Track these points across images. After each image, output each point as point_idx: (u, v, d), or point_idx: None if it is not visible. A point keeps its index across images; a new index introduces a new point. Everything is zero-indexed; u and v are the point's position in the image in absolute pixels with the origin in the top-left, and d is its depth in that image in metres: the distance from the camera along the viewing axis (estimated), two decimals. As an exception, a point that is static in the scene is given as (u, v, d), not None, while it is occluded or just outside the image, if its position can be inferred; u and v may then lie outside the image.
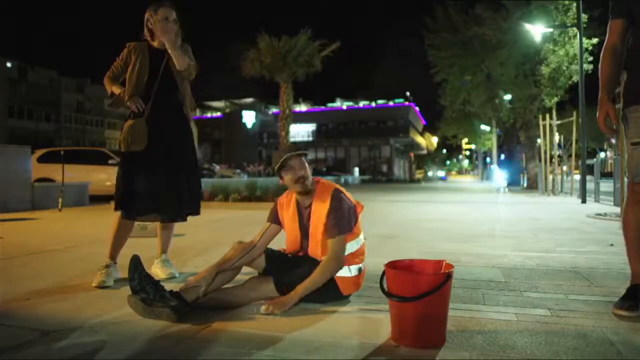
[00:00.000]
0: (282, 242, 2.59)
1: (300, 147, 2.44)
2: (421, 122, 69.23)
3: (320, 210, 2.36)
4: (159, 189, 2.92)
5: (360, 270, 2.40)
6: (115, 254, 2.98)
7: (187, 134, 3.09)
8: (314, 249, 2.41)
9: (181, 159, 3.02)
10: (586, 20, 12.10)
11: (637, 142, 2.15)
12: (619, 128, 2.30)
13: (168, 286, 2.22)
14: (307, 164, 2.40)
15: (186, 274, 3.02)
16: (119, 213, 2.96)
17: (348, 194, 2.44)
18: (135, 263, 2.15)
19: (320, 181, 2.48)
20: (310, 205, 2.42)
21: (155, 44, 3.02)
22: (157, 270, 3.00)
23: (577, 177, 11.91)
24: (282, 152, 2.40)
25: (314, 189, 2.42)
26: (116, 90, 3.04)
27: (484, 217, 7.14)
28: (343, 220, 2.31)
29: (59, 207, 8.24)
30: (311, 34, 11.55)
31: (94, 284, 2.74)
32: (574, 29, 12.52)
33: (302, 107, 59.68)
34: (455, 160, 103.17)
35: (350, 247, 2.37)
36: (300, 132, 56.41)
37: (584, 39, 11.09)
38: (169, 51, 2.91)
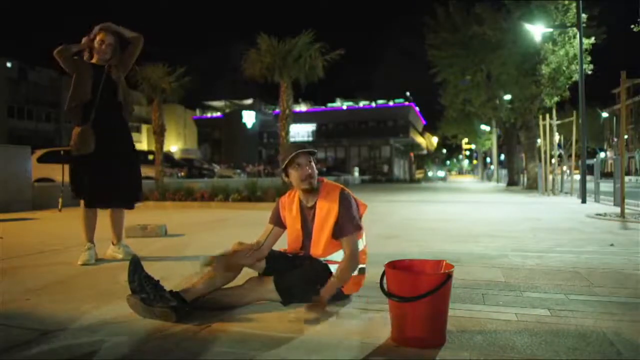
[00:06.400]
0: (282, 242, 2.58)
1: (305, 146, 2.41)
2: (421, 122, 69.16)
3: (326, 210, 2.35)
4: (110, 181, 3.48)
5: (362, 270, 2.41)
6: (91, 237, 3.56)
7: (126, 133, 3.69)
8: (315, 248, 2.41)
9: (123, 155, 3.58)
10: (586, 20, 12.09)
11: None
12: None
13: (168, 286, 2.22)
14: (314, 163, 2.40)
15: (186, 273, 3.02)
16: (83, 204, 3.54)
17: (353, 194, 2.45)
18: (135, 264, 2.15)
19: (324, 181, 2.48)
20: (314, 206, 2.42)
21: (94, 60, 3.53)
22: (116, 254, 3.56)
23: (577, 177, 11.90)
24: (292, 148, 2.37)
25: (319, 189, 2.42)
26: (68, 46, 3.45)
27: (484, 217, 7.14)
28: (354, 220, 2.34)
29: (59, 207, 8.23)
30: (313, 37, 11.45)
31: (79, 263, 3.36)
32: (574, 29, 12.51)
33: (302, 107, 59.50)
34: (455, 160, 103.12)
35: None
36: (300, 132, 56.29)
37: (583, 39, 11.08)
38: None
